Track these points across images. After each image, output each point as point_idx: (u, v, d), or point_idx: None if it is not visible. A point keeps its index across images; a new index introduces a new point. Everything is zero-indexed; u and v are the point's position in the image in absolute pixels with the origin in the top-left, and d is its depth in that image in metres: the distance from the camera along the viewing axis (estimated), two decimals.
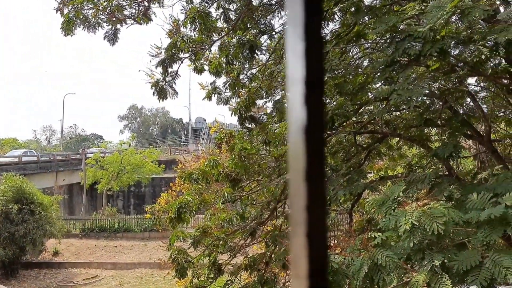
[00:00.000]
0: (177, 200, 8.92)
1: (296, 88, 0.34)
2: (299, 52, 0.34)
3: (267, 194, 9.44)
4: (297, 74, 0.35)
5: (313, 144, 0.34)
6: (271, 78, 8.87)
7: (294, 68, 0.35)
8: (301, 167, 0.34)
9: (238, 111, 9.39)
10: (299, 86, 0.34)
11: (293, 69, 0.35)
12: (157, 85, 9.44)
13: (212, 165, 8.86)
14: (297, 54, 0.34)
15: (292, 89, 0.35)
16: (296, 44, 0.34)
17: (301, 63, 0.34)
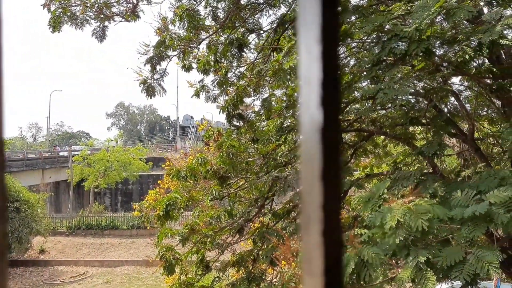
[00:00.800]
0: (165, 198, 8.88)
1: (311, 89, 0.35)
2: (316, 53, 0.34)
3: (254, 192, 9.46)
4: (313, 75, 0.35)
5: (329, 144, 0.34)
6: (259, 76, 8.87)
7: (309, 68, 0.35)
8: (317, 167, 0.34)
9: (226, 109, 9.38)
10: (314, 87, 0.34)
11: (308, 70, 0.35)
12: (145, 83, 9.39)
13: (200, 163, 8.84)
14: (313, 55, 0.34)
15: (306, 89, 0.35)
16: (312, 45, 0.34)
17: (318, 65, 0.34)
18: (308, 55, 0.35)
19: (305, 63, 0.35)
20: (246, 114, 10.40)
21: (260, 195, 8.97)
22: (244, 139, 9.36)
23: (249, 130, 9.18)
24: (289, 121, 8.56)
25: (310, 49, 0.34)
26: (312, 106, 0.34)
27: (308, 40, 0.34)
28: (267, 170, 8.52)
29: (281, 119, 8.18)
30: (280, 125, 7.99)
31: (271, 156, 8.75)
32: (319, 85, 0.34)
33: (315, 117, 0.34)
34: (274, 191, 8.52)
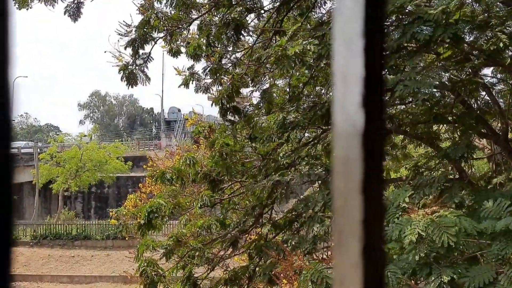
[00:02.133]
0: (147, 204, 8.88)
1: (348, 87, 0.35)
2: (357, 48, 0.35)
3: (251, 198, 9.46)
4: (352, 71, 0.35)
5: (372, 152, 0.34)
6: (258, 63, 8.87)
7: (348, 64, 0.35)
8: (356, 177, 0.34)
9: (219, 101, 9.37)
10: (354, 85, 0.35)
11: (346, 65, 0.35)
12: (125, 69, 9.36)
13: (189, 163, 8.85)
14: (354, 49, 0.35)
15: (342, 86, 0.36)
16: (353, 39, 0.34)
17: (359, 60, 0.35)
18: (346, 49, 0.35)
19: (342, 58, 0.36)
20: (242, 107, 10.39)
21: (258, 203, 8.97)
22: (240, 137, 9.37)
23: (246, 126, 9.18)
24: (293, 116, 8.56)
25: (349, 42, 0.35)
26: (350, 107, 0.35)
27: (348, 33, 0.34)
28: (267, 173, 8.52)
29: (284, 113, 8.19)
30: (282, 121, 7.99)
31: (272, 157, 8.75)
32: (360, 84, 0.35)
33: (354, 119, 0.34)
34: (274, 198, 8.52)
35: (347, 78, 0.36)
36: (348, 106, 0.36)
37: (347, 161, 0.35)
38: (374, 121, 0.35)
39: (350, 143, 0.35)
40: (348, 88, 0.36)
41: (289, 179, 7.64)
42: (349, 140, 0.35)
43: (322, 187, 7.95)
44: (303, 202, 7.49)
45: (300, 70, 8.60)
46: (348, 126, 0.36)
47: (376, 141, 0.35)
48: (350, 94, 0.36)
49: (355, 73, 0.36)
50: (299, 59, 6.44)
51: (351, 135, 0.35)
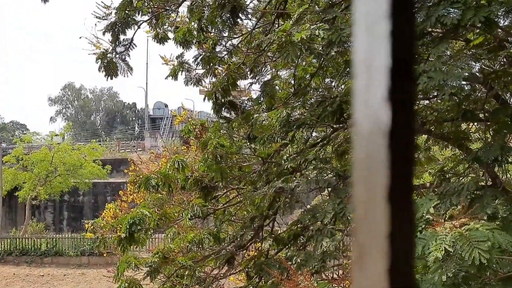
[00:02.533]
0: (129, 214, 8.87)
1: (372, 78, 0.35)
2: (382, 31, 0.34)
3: (250, 208, 9.47)
4: (376, 60, 0.35)
5: (400, 154, 0.34)
6: (258, 51, 8.87)
7: (371, 51, 0.35)
8: (381, 183, 0.34)
9: (213, 95, 9.37)
10: (378, 76, 0.35)
11: (369, 53, 0.35)
12: (104, 58, 9.37)
13: (177, 167, 8.85)
14: (378, 34, 0.34)
15: (364, 78, 0.35)
16: (377, 21, 0.34)
17: (384, 47, 0.34)
18: (369, 34, 0.35)
19: (363, 44, 0.35)
20: (240, 102, 10.40)
21: (258, 213, 8.98)
22: (237, 137, 9.37)
23: (243, 124, 9.19)
24: (298, 112, 8.56)
25: (373, 26, 0.34)
26: (374, 101, 0.34)
27: (370, 14, 0.34)
28: (268, 179, 8.53)
29: (288, 109, 8.19)
30: (286, 118, 8.00)
31: (274, 160, 8.76)
32: (385, 74, 0.34)
33: (379, 116, 0.34)
34: (276, 208, 8.53)
35: (371, 68, 0.36)
36: (372, 101, 0.35)
37: (370, 165, 0.35)
38: (402, 117, 0.35)
39: (374, 143, 0.35)
40: (372, 79, 0.36)
41: (294, 186, 7.64)
42: (373, 140, 0.35)
43: (332, 195, 7.94)
44: (311, 213, 7.50)
45: (307, 59, 8.59)
46: (371, 124, 0.35)
47: (404, 141, 0.35)
48: (374, 86, 0.36)
49: (380, 62, 0.35)
50: (306, 47, 6.43)
51: (375, 134, 0.35)
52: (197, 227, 9.64)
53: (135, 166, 12.81)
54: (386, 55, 0.35)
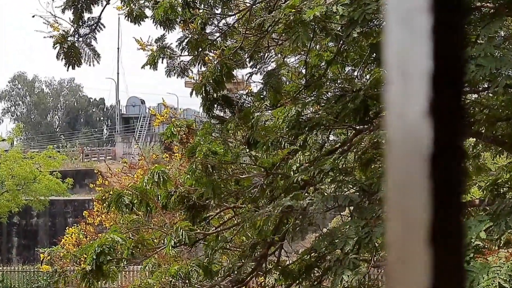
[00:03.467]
0: (96, 241, 8.87)
1: (409, 86, 0.35)
2: (421, 27, 0.34)
3: (250, 232, 9.45)
4: (414, 63, 0.35)
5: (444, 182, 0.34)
6: (260, 33, 8.89)
7: (407, 52, 0.35)
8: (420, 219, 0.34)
9: (202, 88, 9.38)
10: (417, 83, 0.35)
11: (405, 54, 0.35)
12: (64, 42, 9.38)
13: (157, 181, 8.85)
14: (416, 30, 0.34)
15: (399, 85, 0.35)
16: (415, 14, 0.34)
17: (425, 47, 0.34)
18: (405, 31, 0.35)
19: (398, 42, 0.35)
20: (236, 97, 10.41)
21: (260, 239, 8.97)
22: (233, 141, 9.37)
23: (241, 126, 9.19)
24: (311, 110, 8.57)
25: (409, 19, 0.34)
26: (412, 115, 0.34)
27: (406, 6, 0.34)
28: (273, 195, 8.52)
29: (298, 106, 8.20)
30: (296, 118, 8.00)
31: (280, 172, 8.75)
32: (426, 81, 0.34)
33: (418, 134, 0.34)
34: (284, 233, 8.51)
35: (407, 73, 0.36)
36: (409, 114, 0.35)
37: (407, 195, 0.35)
38: (447, 137, 0.35)
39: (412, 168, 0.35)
40: (409, 88, 0.36)
41: (307, 204, 7.63)
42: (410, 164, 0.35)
43: (355, 215, 7.93)
44: (327, 238, 7.48)
45: (322, 43, 8.60)
46: (408, 144, 0.35)
47: (450, 167, 0.35)
48: (412, 97, 0.36)
49: (419, 66, 0.35)
50: (321, 27, 6.45)
51: (413, 157, 0.35)
52: (183, 257, 9.63)
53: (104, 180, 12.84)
54: (426, 57, 0.36)
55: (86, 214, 13.01)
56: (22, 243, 44.99)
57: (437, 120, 0.35)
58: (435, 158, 0.35)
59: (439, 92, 0.36)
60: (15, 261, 42.95)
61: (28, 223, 45.28)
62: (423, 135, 0.36)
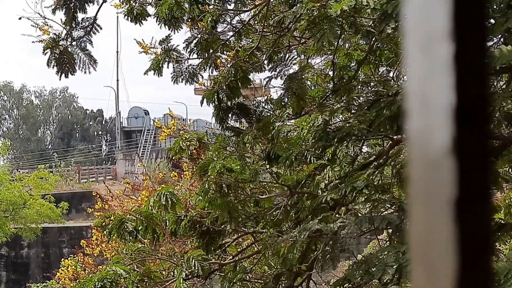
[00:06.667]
0: (96, 275, 8.91)
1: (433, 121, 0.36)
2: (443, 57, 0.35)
3: (273, 261, 9.44)
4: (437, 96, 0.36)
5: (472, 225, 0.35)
6: (279, 31, 8.91)
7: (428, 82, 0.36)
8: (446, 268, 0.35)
9: (214, 95, 9.41)
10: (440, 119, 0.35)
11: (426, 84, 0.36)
12: (55, 46, 9.45)
13: (165, 204, 8.88)
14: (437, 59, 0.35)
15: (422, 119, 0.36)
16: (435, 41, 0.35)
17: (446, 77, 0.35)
18: (425, 58, 0.36)
19: (419, 72, 0.36)
20: (254, 105, 10.43)
21: (285, 269, 8.95)
22: (251, 156, 9.37)
23: (260, 138, 9.19)
24: (341, 118, 8.56)
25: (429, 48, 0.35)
26: (434, 153, 0.35)
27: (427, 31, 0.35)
28: (298, 217, 8.51)
29: (325, 114, 8.20)
30: (323, 127, 8.00)
31: (306, 190, 8.74)
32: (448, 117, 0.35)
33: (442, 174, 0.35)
34: (312, 261, 8.50)
35: (429, 106, 0.37)
36: (432, 152, 0.37)
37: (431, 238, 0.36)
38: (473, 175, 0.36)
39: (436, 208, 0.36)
40: (431, 122, 0.37)
41: (338, 228, 7.62)
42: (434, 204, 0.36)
43: (394, 239, 7.90)
44: (363, 267, 7.46)
45: (351, 41, 8.60)
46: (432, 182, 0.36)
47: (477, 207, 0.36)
48: (434, 132, 0.37)
49: (441, 98, 0.36)
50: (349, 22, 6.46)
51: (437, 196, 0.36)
52: None
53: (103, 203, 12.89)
54: (448, 89, 0.37)
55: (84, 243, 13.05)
56: (12, 278, 45.18)
57: (461, 159, 0.36)
58: (459, 201, 0.36)
59: (462, 127, 0.37)
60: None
61: (18, 254, 45.48)
62: (447, 176, 0.37)
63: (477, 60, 0.37)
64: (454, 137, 0.37)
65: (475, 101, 0.37)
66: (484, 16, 0.37)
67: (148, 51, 10.23)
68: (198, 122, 52.34)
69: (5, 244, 42.36)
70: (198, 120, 55.86)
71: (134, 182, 15.51)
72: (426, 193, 0.38)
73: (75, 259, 12.64)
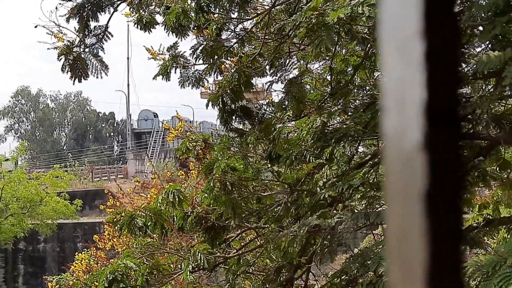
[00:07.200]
0: (108, 268, 8.90)
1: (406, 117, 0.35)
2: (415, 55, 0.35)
3: (275, 254, 9.43)
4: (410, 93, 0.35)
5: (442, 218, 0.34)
6: (280, 38, 8.90)
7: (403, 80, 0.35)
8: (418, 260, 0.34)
9: (219, 99, 9.40)
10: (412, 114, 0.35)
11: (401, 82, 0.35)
12: (69, 53, 9.45)
13: (172, 201, 8.87)
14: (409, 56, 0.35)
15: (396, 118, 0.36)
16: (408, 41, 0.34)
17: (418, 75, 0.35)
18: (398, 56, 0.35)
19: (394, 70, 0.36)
20: (256, 107, 10.42)
21: (286, 262, 8.94)
22: (253, 156, 9.37)
23: (262, 139, 9.18)
24: (338, 119, 8.54)
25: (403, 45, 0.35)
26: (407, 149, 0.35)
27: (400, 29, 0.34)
28: (298, 213, 8.50)
29: (324, 116, 8.19)
30: (321, 129, 7.99)
31: (305, 188, 8.73)
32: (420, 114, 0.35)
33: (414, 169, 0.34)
34: (311, 254, 8.49)
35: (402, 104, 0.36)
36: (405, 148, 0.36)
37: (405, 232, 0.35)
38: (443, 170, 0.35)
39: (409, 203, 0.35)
40: (404, 119, 0.36)
41: (335, 223, 7.60)
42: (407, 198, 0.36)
43: None
44: (359, 260, 7.44)
45: (348, 47, 8.59)
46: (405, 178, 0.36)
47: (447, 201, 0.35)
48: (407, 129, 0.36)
49: (414, 96, 0.36)
50: (346, 29, 6.44)
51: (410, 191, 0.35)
52: (202, 282, 9.63)
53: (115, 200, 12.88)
54: (420, 87, 0.36)
55: (97, 238, 13.05)
56: (29, 271, 45.17)
57: (432, 154, 0.35)
58: (430, 195, 0.35)
59: (433, 124, 0.36)
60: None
61: (35, 249, 45.49)
62: (419, 171, 0.36)
63: (448, 59, 0.36)
64: (425, 134, 0.36)
65: (446, 99, 0.36)
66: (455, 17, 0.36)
67: (157, 57, 10.23)
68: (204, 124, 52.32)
69: (23, 239, 42.43)
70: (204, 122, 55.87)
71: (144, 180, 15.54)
72: (400, 187, 0.37)
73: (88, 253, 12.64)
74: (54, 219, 41.18)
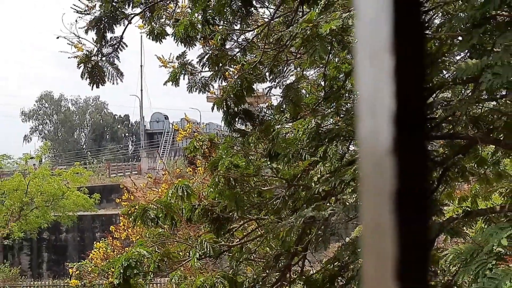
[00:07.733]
0: (123, 255, 8.89)
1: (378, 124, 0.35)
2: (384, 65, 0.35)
3: (274, 243, 9.42)
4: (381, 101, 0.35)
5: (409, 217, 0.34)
6: (278, 47, 8.90)
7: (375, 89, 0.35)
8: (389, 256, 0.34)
9: (223, 102, 9.41)
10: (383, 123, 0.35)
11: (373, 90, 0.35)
12: (88, 61, 9.45)
13: (181, 195, 8.86)
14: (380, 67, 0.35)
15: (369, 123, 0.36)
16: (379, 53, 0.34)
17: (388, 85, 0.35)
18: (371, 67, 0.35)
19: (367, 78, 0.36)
20: (257, 110, 10.42)
21: (284, 250, 8.93)
22: (254, 154, 9.36)
23: (262, 139, 9.18)
24: (331, 121, 8.53)
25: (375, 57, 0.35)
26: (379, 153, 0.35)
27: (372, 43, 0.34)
28: (295, 206, 8.49)
29: (318, 118, 8.18)
30: (315, 129, 7.98)
31: (301, 183, 8.72)
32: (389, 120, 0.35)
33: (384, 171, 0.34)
34: (307, 243, 8.48)
35: (374, 111, 0.36)
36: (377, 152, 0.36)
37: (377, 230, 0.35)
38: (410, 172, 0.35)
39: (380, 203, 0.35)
40: (376, 125, 0.36)
41: (328, 215, 7.59)
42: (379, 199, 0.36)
43: None
44: (350, 248, 7.45)
45: (340, 55, 8.58)
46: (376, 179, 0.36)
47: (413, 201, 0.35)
48: (379, 134, 0.36)
49: (384, 104, 0.36)
50: (338, 40, 6.43)
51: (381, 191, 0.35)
52: (208, 268, 9.62)
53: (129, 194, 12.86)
54: (390, 96, 0.36)
55: (113, 229, 13.06)
56: (52, 258, 45.19)
57: (400, 158, 0.36)
58: (399, 194, 0.36)
59: (401, 130, 0.36)
60: (45, 276, 43.22)
61: (57, 238, 45.54)
62: (389, 172, 0.36)
63: (415, 72, 0.36)
64: (394, 139, 0.37)
65: (412, 108, 0.36)
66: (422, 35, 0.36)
67: (167, 65, 10.23)
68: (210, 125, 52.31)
69: (47, 229, 42.48)
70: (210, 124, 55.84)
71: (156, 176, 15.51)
72: (372, 186, 0.37)
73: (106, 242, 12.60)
74: (74, 211, 41.22)
